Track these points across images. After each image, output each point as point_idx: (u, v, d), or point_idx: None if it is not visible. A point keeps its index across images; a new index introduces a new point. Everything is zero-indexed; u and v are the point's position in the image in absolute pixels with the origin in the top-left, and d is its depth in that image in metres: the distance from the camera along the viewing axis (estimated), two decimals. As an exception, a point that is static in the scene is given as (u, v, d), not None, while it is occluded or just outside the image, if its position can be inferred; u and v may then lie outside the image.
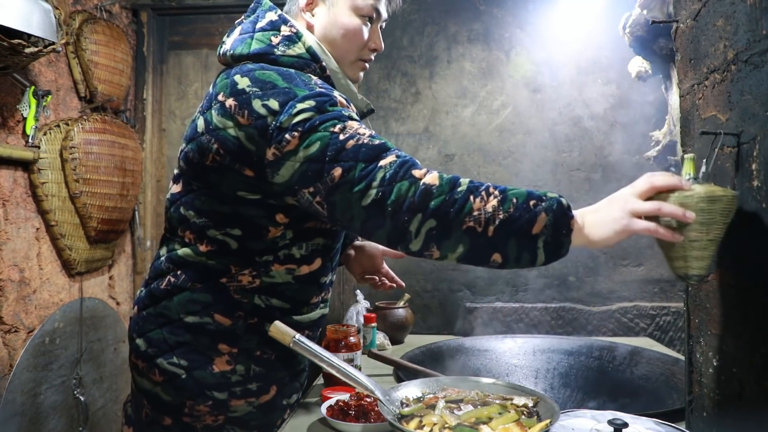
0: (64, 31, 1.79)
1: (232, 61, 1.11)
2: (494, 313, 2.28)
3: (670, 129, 1.65)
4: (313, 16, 1.14)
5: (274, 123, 0.96)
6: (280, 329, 1.12)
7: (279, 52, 1.07)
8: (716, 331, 0.91)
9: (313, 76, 1.05)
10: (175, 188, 1.15)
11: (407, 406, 1.03)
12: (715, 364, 0.92)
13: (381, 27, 1.19)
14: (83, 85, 2.13)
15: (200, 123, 1.05)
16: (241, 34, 1.15)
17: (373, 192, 0.91)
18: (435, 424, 0.93)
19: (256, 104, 0.97)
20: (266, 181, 0.99)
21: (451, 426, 0.91)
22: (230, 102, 0.99)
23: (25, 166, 1.87)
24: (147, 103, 2.49)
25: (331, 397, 1.28)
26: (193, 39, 2.53)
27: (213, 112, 1.02)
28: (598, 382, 1.59)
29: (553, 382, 1.67)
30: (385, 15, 1.18)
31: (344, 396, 1.24)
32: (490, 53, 2.34)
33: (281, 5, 1.22)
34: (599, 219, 0.93)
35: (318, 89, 0.99)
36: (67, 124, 2.01)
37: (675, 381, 1.41)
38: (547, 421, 0.89)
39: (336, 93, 1.02)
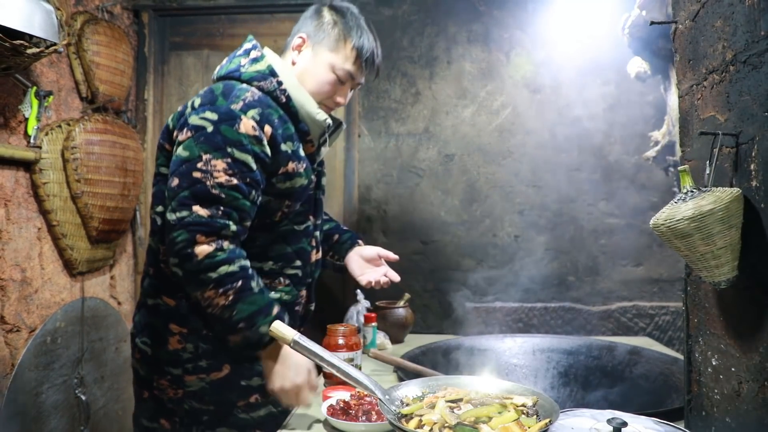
0: (65, 32, 1.80)
1: (215, 81, 1.31)
2: (494, 313, 2.29)
3: (669, 129, 1.65)
4: (298, 55, 1.33)
5: (188, 113, 1.20)
6: (280, 329, 1.13)
7: (243, 70, 1.27)
8: (715, 331, 0.92)
9: (248, 93, 1.22)
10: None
11: (407, 405, 1.03)
12: (714, 363, 0.92)
13: (354, 88, 1.38)
14: (85, 86, 2.13)
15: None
16: (224, 62, 1.34)
17: (173, 216, 1.14)
18: (435, 423, 0.93)
19: (190, 101, 1.24)
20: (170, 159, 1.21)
21: (451, 425, 0.92)
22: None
23: (27, 166, 1.87)
24: (148, 103, 2.50)
25: (331, 397, 1.28)
26: (194, 40, 2.53)
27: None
28: (597, 382, 1.59)
29: (553, 382, 1.68)
30: (360, 81, 1.36)
31: (345, 395, 1.24)
32: (489, 54, 2.34)
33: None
34: (279, 367, 1.19)
35: (235, 106, 1.18)
36: (69, 125, 2.02)
37: (674, 380, 1.42)
38: (547, 420, 0.90)
39: (251, 114, 1.18)
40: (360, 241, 1.60)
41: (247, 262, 1.19)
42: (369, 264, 1.54)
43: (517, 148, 2.32)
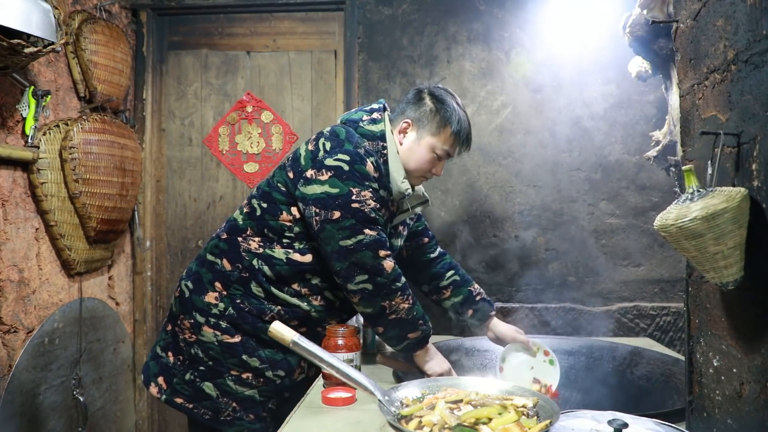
0: (63, 31, 1.79)
1: (339, 123, 1.59)
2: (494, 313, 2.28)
3: (670, 129, 1.65)
4: (404, 137, 1.56)
5: (322, 156, 1.45)
6: (279, 330, 1.12)
7: (362, 125, 1.54)
8: (717, 332, 0.91)
9: (366, 143, 1.49)
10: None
11: (407, 406, 1.02)
12: (715, 364, 0.92)
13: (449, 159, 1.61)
14: (83, 85, 2.12)
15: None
16: (354, 110, 1.61)
17: (349, 242, 1.38)
18: (435, 424, 0.93)
19: (321, 141, 1.49)
20: (294, 185, 1.47)
21: (450, 426, 0.91)
22: (313, 137, 1.54)
23: (25, 166, 1.87)
24: (146, 103, 2.49)
25: (331, 397, 1.28)
26: (192, 39, 2.53)
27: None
28: (598, 383, 1.59)
29: (553, 383, 1.67)
30: (453, 156, 1.58)
31: (344, 395, 1.24)
32: (490, 53, 2.34)
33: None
34: (434, 358, 1.51)
35: (361, 151, 1.44)
36: (67, 124, 2.01)
37: (675, 381, 1.41)
38: (547, 421, 0.89)
39: (371, 160, 1.45)
40: (492, 314, 1.75)
41: None
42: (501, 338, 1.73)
43: (517, 148, 2.31)
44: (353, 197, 1.38)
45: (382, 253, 1.38)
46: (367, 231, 1.38)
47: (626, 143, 2.26)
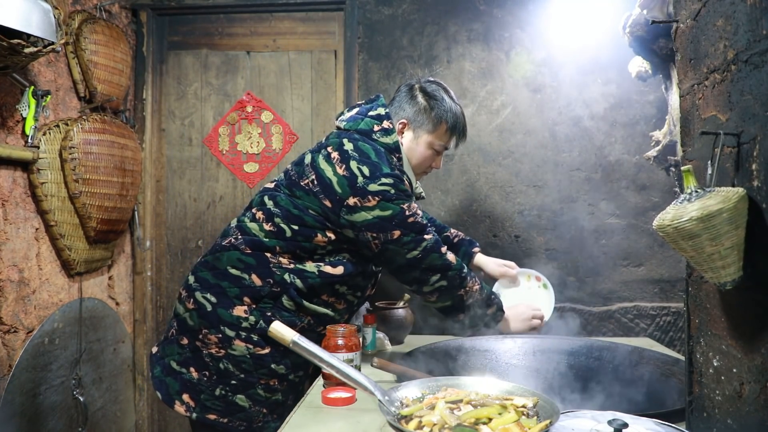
0: (63, 31, 1.79)
1: (344, 129, 1.61)
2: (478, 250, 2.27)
3: (670, 129, 1.65)
4: (401, 137, 1.62)
5: (363, 182, 1.45)
6: (279, 330, 1.12)
7: (377, 136, 1.56)
8: (717, 332, 0.91)
9: (394, 159, 1.56)
10: (270, 185, 1.63)
11: (407, 406, 1.02)
12: (715, 364, 0.92)
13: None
14: (83, 85, 2.12)
15: (308, 158, 1.57)
16: (356, 114, 1.62)
17: (416, 252, 1.49)
18: (435, 424, 0.93)
19: (353, 164, 1.47)
20: (335, 213, 1.48)
21: (450, 426, 0.91)
22: (335, 155, 1.50)
23: (25, 166, 1.87)
24: (146, 103, 2.49)
25: (331, 397, 1.27)
26: (192, 39, 2.53)
27: (320, 156, 1.53)
28: (598, 383, 1.59)
29: (553, 382, 1.67)
30: (451, 148, 1.68)
31: (344, 395, 1.24)
32: (490, 53, 2.33)
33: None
34: (514, 317, 1.73)
35: (396, 171, 1.50)
36: (67, 124, 2.01)
37: (675, 381, 1.41)
38: (547, 421, 0.89)
39: (405, 177, 1.55)
40: (476, 250, 1.92)
41: None
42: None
43: (517, 148, 2.31)
44: (407, 213, 1.47)
45: (443, 249, 1.51)
46: (426, 236, 1.49)
47: (626, 143, 2.26)
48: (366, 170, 1.47)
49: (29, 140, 1.86)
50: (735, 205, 0.76)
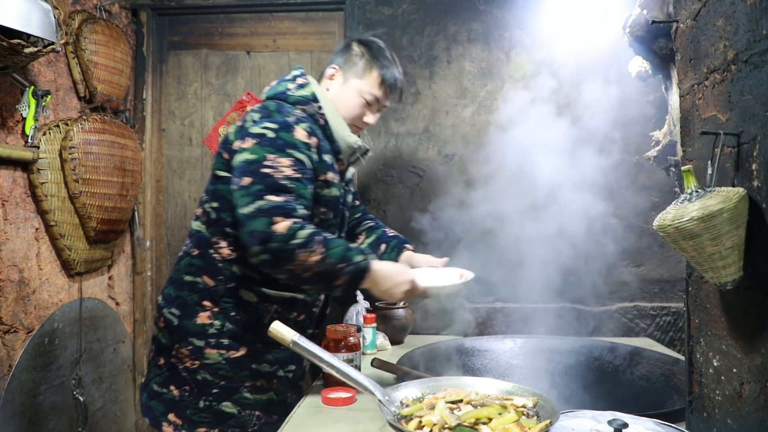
0: (63, 31, 1.79)
1: (265, 99, 1.51)
2: (494, 313, 2.28)
3: (670, 129, 1.65)
4: (331, 82, 1.53)
5: (249, 125, 1.38)
6: (279, 330, 1.12)
7: (290, 93, 1.47)
8: (717, 332, 0.91)
9: (297, 110, 1.43)
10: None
11: (407, 406, 1.02)
12: (715, 364, 0.92)
13: (380, 111, 1.58)
14: (83, 85, 2.12)
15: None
16: (274, 84, 1.54)
17: (251, 209, 1.27)
18: (435, 424, 0.93)
19: (248, 116, 1.41)
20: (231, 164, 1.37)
21: (450, 426, 0.91)
22: (241, 118, 1.45)
23: (25, 166, 1.87)
24: (146, 103, 2.49)
25: (331, 397, 1.28)
26: (192, 39, 2.52)
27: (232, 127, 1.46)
28: (598, 383, 1.59)
29: (553, 382, 1.67)
30: (385, 104, 1.56)
31: (344, 395, 1.24)
32: (490, 53, 2.33)
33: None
34: (388, 283, 1.35)
35: (289, 118, 1.38)
36: (67, 124, 2.01)
37: (675, 381, 1.41)
38: (547, 421, 0.89)
39: (302, 126, 1.38)
40: (407, 246, 1.73)
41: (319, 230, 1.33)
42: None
43: (516, 148, 2.31)
44: (266, 163, 1.30)
45: (277, 219, 1.25)
46: (269, 197, 1.27)
47: (626, 143, 2.25)
48: (257, 116, 1.39)
49: (29, 140, 1.86)
50: (735, 205, 0.76)
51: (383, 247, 1.72)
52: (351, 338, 1.45)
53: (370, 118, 1.54)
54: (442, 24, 2.36)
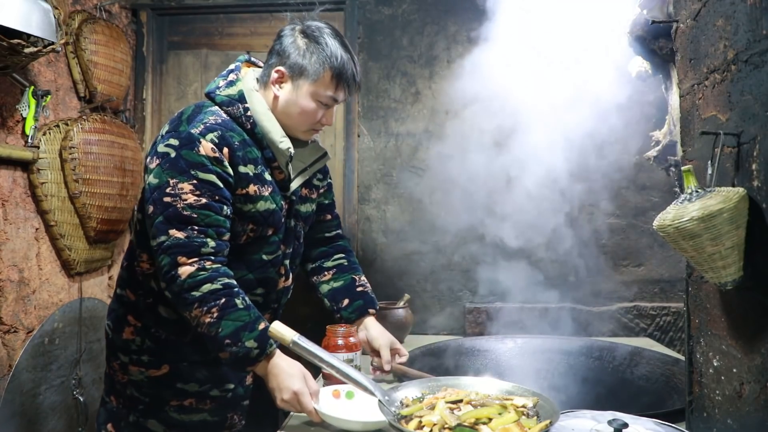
0: (63, 31, 1.79)
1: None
2: (494, 314, 2.28)
3: (670, 129, 1.65)
4: (280, 88, 1.32)
5: (158, 140, 1.27)
6: (279, 330, 1.12)
7: (219, 92, 1.32)
8: (717, 332, 0.91)
9: (212, 117, 1.27)
10: None
11: (407, 406, 1.02)
12: (715, 364, 0.92)
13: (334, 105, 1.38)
14: (83, 85, 2.12)
15: None
16: (215, 78, 1.38)
17: (155, 243, 1.21)
18: (435, 424, 0.93)
19: (166, 124, 1.30)
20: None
21: (450, 426, 0.91)
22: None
23: (25, 166, 1.87)
24: (146, 103, 2.49)
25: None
26: (192, 39, 2.52)
27: None
28: (598, 383, 1.59)
29: (553, 382, 1.67)
30: (342, 100, 1.36)
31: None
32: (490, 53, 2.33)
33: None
34: (274, 382, 1.19)
35: (194, 130, 1.23)
36: (67, 124, 2.01)
37: (675, 381, 1.41)
38: (547, 421, 0.89)
39: (209, 137, 1.22)
40: (371, 311, 1.53)
41: (232, 281, 1.22)
42: (375, 342, 1.48)
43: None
44: (167, 190, 1.19)
45: (181, 259, 1.17)
46: (172, 231, 1.18)
47: (626, 143, 2.25)
48: (167, 127, 1.28)
49: (29, 140, 1.86)
50: (736, 205, 0.76)
51: (345, 302, 1.52)
52: (351, 338, 1.45)
53: (327, 120, 1.35)
54: (442, 24, 2.36)
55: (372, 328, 1.49)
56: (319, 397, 1.19)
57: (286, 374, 1.18)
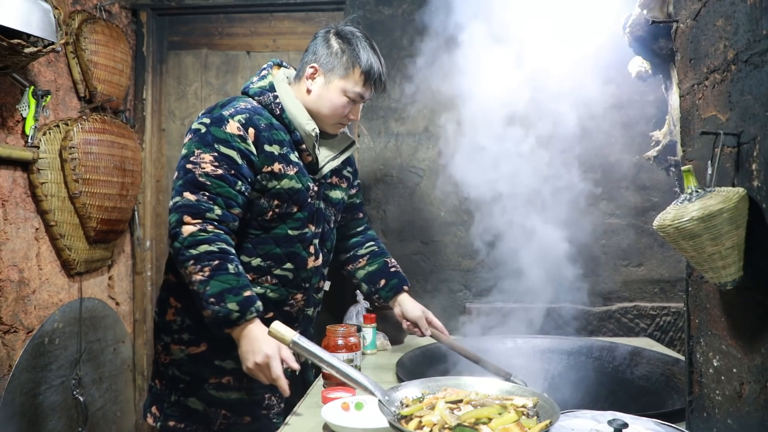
0: (63, 31, 1.79)
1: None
2: (494, 313, 2.28)
3: (670, 129, 1.65)
4: (313, 82, 1.46)
5: (194, 121, 1.41)
6: (279, 330, 1.12)
7: (252, 86, 1.48)
8: (717, 332, 0.91)
9: (243, 103, 1.42)
10: None
11: (407, 406, 1.02)
12: (715, 364, 0.92)
13: (363, 103, 1.52)
14: (83, 85, 2.12)
15: None
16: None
17: (171, 203, 1.34)
18: (435, 424, 0.93)
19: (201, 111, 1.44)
20: None
21: (450, 426, 0.91)
22: None
23: (25, 166, 1.87)
24: (146, 103, 2.49)
25: (331, 398, 1.27)
26: (192, 39, 2.52)
27: None
28: (598, 383, 1.59)
29: (553, 382, 1.67)
30: (368, 98, 1.50)
31: (344, 395, 1.24)
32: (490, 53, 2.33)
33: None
34: (248, 345, 1.28)
35: (226, 112, 1.37)
36: (67, 124, 2.01)
37: (675, 381, 1.41)
38: (547, 421, 0.89)
39: (237, 118, 1.37)
40: (405, 288, 1.72)
41: (231, 248, 1.33)
42: (410, 314, 1.68)
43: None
44: (191, 158, 1.33)
45: (187, 218, 1.29)
46: (185, 194, 1.31)
47: (626, 143, 2.25)
48: (202, 111, 1.43)
49: (29, 140, 1.86)
50: (736, 205, 0.76)
51: (382, 282, 1.71)
52: (351, 338, 1.45)
53: (354, 115, 1.50)
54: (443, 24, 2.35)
55: (406, 303, 1.69)
56: (291, 363, 1.27)
57: (261, 340, 1.26)
